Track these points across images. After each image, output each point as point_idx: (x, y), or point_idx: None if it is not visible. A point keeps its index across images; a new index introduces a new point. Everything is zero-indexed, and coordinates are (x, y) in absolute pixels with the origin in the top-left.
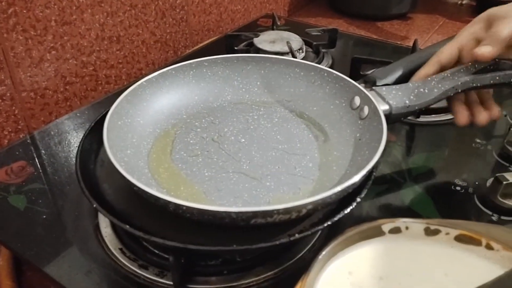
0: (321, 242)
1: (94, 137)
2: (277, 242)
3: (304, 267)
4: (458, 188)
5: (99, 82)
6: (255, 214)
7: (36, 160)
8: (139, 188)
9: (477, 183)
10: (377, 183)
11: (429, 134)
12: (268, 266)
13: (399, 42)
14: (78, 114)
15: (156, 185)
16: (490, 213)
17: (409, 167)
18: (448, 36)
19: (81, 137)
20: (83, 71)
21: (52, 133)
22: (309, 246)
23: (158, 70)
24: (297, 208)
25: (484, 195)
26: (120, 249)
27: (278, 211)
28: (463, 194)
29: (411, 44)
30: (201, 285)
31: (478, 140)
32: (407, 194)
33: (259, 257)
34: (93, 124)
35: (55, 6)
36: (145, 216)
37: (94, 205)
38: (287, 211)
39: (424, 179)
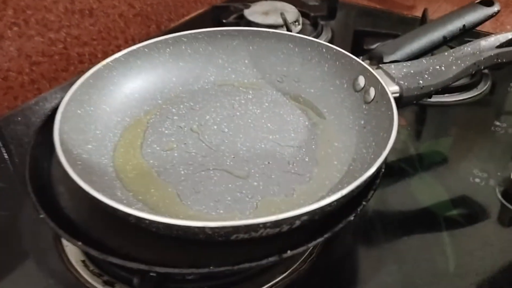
0: (319, 251)
1: (51, 129)
2: (264, 262)
3: (299, 280)
4: (477, 180)
5: (71, 61)
6: (236, 229)
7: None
8: (92, 196)
9: (499, 174)
10: (384, 175)
11: (442, 116)
12: (257, 281)
13: (405, 12)
14: (47, 98)
15: (121, 188)
16: None
17: (420, 155)
18: (458, 5)
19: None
20: (51, 49)
21: (18, 119)
22: (305, 256)
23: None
24: (289, 221)
25: (508, 188)
26: (83, 261)
27: (265, 225)
28: (483, 187)
29: (418, 14)
30: None
31: (497, 123)
32: (419, 188)
33: (247, 270)
34: (49, 112)
35: None
36: (107, 226)
37: (42, 216)
38: (276, 224)
39: (438, 170)
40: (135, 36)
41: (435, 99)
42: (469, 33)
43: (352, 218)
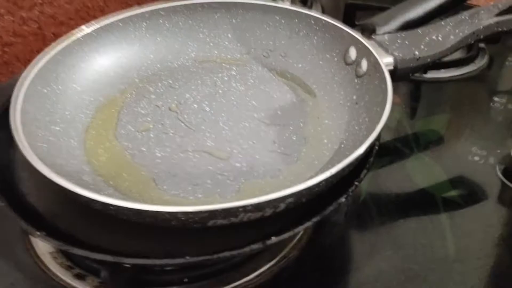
0: (310, 236)
1: None
2: (247, 250)
3: (288, 268)
4: (476, 158)
5: (47, 42)
6: (213, 214)
7: None
8: (51, 181)
9: (499, 151)
10: (378, 155)
11: (438, 93)
12: (242, 270)
13: None
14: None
15: (90, 173)
16: None
17: (416, 134)
18: None
19: None
20: (23, 29)
21: None
22: (294, 241)
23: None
24: (272, 203)
25: (509, 166)
26: (51, 253)
27: (244, 208)
28: (483, 165)
29: None
30: None
31: (496, 99)
32: (415, 168)
33: (232, 258)
34: (14, 91)
35: None
36: (75, 215)
37: (2, 204)
38: (257, 207)
39: (435, 149)
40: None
41: (430, 75)
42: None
43: (343, 200)
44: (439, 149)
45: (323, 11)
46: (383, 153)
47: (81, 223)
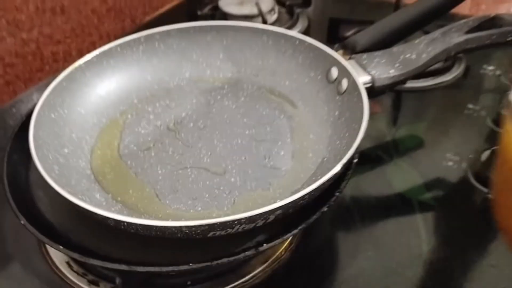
0: (298, 240)
1: (26, 134)
2: (242, 256)
3: (280, 269)
4: (450, 163)
5: (45, 61)
6: (212, 227)
7: None
8: (69, 201)
9: (471, 156)
10: (360, 163)
11: (418, 101)
12: (239, 273)
13: None
14: (23, 100)
15: (100, 190)
16: (485, 190)
17: (395, 141)
18: None
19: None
20: (24, 50)
21: None
22: (285, 245)
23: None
24: (263, 216)
25: (478, 170)
26: (67, 262)
27: (239, 221)
28: (456, 170)
29: None
30: None
31: (470, 106)
32: (394, 174)
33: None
34: (24, 118)
35: None
36: (87, 229)
37: (22, 222)
38: (251, 220)
39: (413, 155)
40: (110, 31)
41: (410, 84)
42: (444, 17)
43: (325, 209)
44: (417, 155)
45: (309, 24)
46: (365, 160)
47: (92, 236)
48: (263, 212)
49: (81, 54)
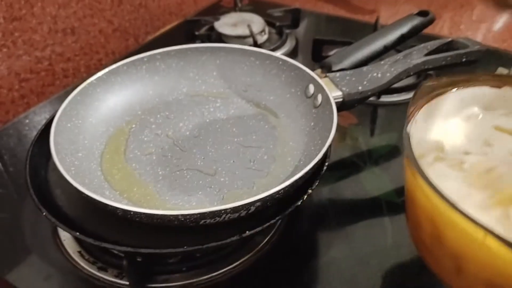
0: (280, 233)
1: (45, 140)
2: (228, 241)
3: (263, 258)
4: None
5: (56, 76)
6: (203, 215)
7: None
8: (86, 195)
9: None
10: (337, 168)
11: (391, 114)
12: (228, 260)
13: (366, 17)
14: (36, 112)
15: (109, 188)
16: None
17: (369, 150)
18: (417, 6)
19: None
20: (37, 66)
21: (10, 132)
22: (268, 237)
23: (118, 61)
24: (245, 207)
25: None
26: (79, 252)
27: (226, 211)
28: None
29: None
30: (161, 284)
31: None
32: (367, 179)
33: (219, 251)
34: (43, 127)
35: (2, 2)
36: (98, 220)
37: (44, 213)
38: (235, 210)
39: (385, 163)
40: (115, 49)
41: (384, 98)
42: (418, 37)
43: (299, 203)
44: (388, 162)
45: (297, 44)
46: (342, 167)
47: (102, 225)
48: (245, 204)
49: (89, 70)
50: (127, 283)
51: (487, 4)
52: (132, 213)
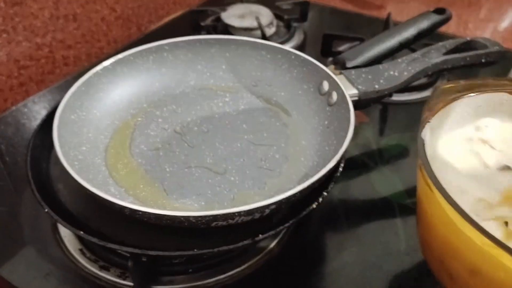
0: (290, 235)
1: (46, 132)
2: (240, 244)
3: (272, 260)
4: None
5: (57, 64)
6: (215, 217)
7: None
8: (92, 192)
9: None
10: (348, 168)
11: (403, 114)
12: (236, 262)
13: (374, 13)
14: (35, 100)
15: (114, 184)
16: None
17: (380, 150)
18: (425, 3)
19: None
20: (38, 53)
21: (8, 121)
22: (277, 240)
23: (120, 50)
24: (260, 209)
25: None
26: (80, 249)
27: (239, 213)
28: None
29: (386, 14)
30: (165, 286)
31: None
32: (378, 179)
33: (227, 253)
34: (45, 118)
35: None
36: (103, 218)
37: (46, 210)
38: (249, 212)
39: (396, 163)
40: (117, 38)
41: (396, 97)
42: (431, 35)
43: (314, 206)
44: (399, 163)
45: (305, 38)
46: (352, 166)
47: (106, 224)
48: (260, 206)
49: (90, 59)
50: (130, 283)
51: (495, 3)
52: (140, 213)
